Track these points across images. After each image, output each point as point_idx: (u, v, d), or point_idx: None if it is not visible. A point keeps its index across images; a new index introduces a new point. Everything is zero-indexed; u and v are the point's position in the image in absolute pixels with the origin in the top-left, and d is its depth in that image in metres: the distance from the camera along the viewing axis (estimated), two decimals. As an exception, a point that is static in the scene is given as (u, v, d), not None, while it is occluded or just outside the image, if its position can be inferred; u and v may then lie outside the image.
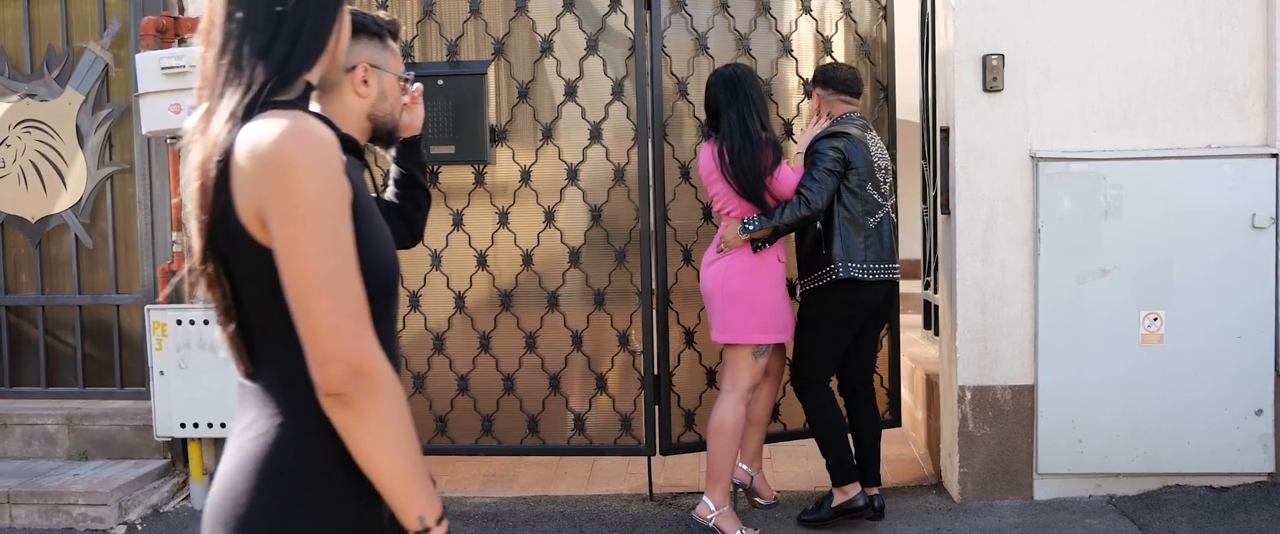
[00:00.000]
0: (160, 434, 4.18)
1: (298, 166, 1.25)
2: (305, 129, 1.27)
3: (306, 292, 1.25)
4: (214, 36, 1.35)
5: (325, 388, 1.26)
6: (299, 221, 1.24)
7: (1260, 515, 3.71)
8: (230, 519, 1.32)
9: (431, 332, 4.17)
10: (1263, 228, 3.86)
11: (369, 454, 1.29)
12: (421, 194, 2.07)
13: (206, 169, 1.29)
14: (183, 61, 3.94)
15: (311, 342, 1.25)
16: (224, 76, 1.33)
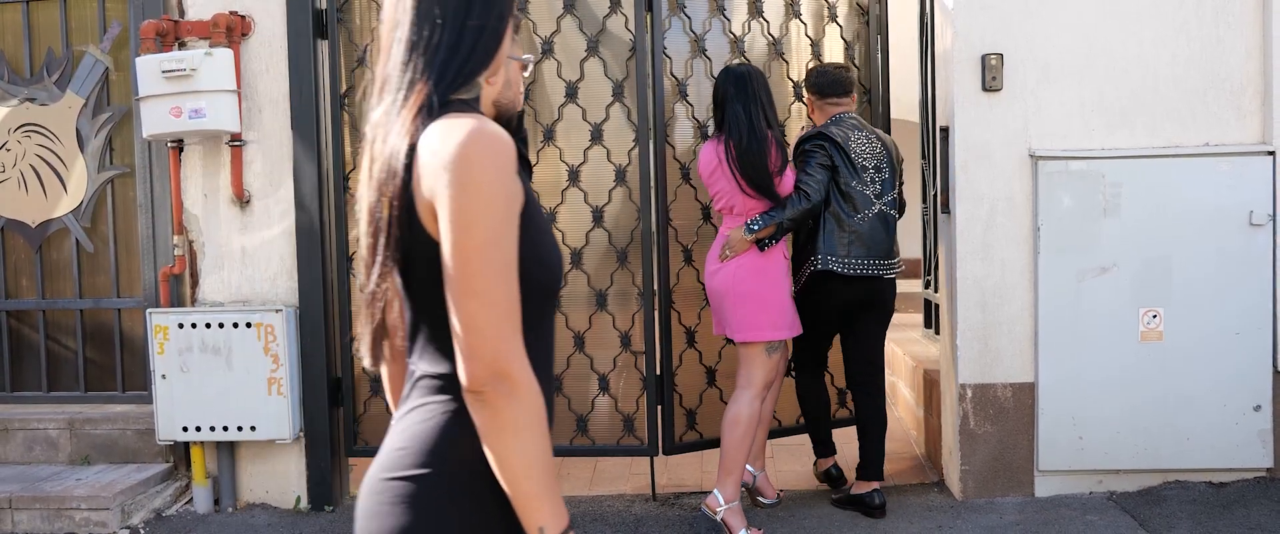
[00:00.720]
0: (162, 438, 4.18)
1: (473, 169, 1.29)
2: (487, 132, 1.31)
3: (462, 291, 1.29)
4: (399, 35, 1.40)
5: (467, 384, 1.30)
6: (466, 223, 1.28)
7: (1259, 510, 3.74)
8: (391, 494, 1.36)
9: (434, 333, 4.17)
10: (1260, 225, 3.89)
11: (500, 456, 1.31)
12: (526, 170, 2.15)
13: (393, 165, 1.34)
14: (183, 65, 3.94)
15: (460, 339, 1.30)
16: (409, 74, 1.38)
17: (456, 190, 1.28)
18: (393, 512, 1.34)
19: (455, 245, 1.28)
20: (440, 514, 1.34)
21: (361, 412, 4.23)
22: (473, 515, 1.35)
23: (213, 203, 4.23)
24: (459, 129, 1.30)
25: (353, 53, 4.16)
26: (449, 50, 1.39)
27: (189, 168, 4.24)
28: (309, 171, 4.13)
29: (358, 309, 1.54)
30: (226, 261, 4.23)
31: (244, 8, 4.15)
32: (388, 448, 1.40)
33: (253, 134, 4.19)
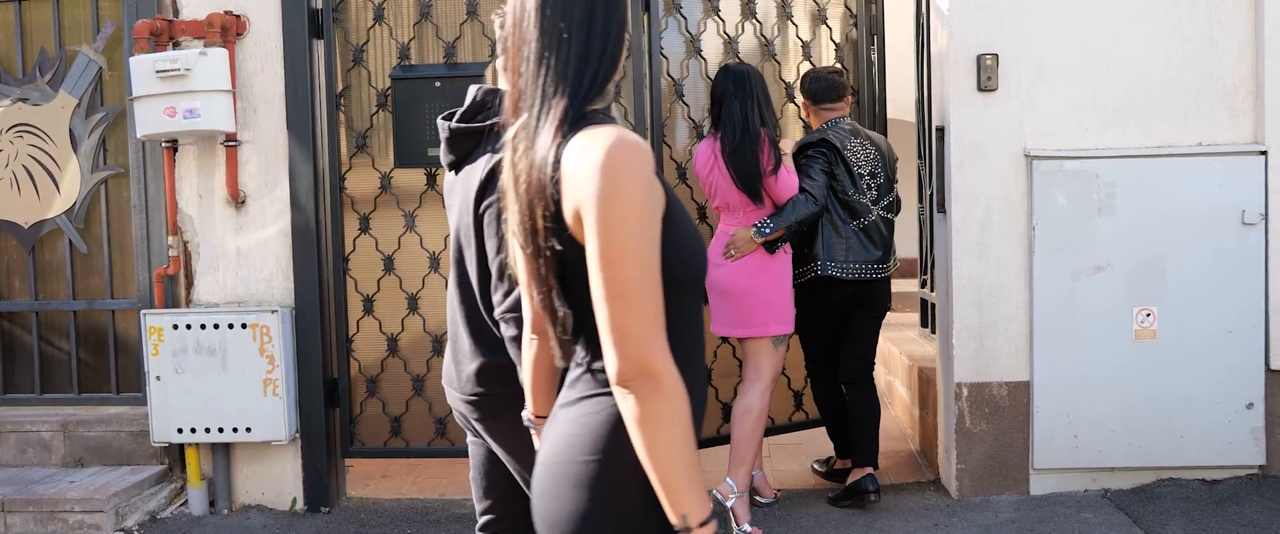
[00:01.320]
0: (157, 440, 4.16)
1: (616, 178, 1.36)
2: (627, 141, 1.38)
3: (609, 294, 1.37)
4: (528, 51, 1.47)
5: (615, 379, 1.38)
6: (610, 230, 1.36)
7: (1252, 507, 3.76)
8: (569, 477, 1.47)
9: (430, 334, 4.17)
10: (1252, 224, 3.92)
11: (646, 447, 1.38)
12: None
13: (540, 177, 1.41)
14: (177, 65, 3.93)
15: (607, 339, 1.38)
16: (545, 88, 1.45)
17: (601, 199, 1.35)
18: (570, 494, 1.45)
19: (601, 251, 1.36)
20: (611, 498, 1.44)
21: (358, 413, 4.22)
22: (640, 499, 1.43)
23: (207, 203, 4.21)
24: (601, 140, 1.38)
25: (348, 53, 4.16)
26: (580, 62, 1.46)
27: (183, 168, 4.22)
28: (304, 172, 4.12)
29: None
30: (221, 262, 4.21)
31: (239, 7, 4.14)
32: (560, 434, 1.50)
33: (248, 134, 4.18)
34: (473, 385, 2.17)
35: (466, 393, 2.19)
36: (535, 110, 1.45)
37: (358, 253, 4.18)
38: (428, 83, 4.02)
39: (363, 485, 4.51)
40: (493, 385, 2.14)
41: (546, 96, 1.45)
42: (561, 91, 1.45)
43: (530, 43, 1.47)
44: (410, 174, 4.14)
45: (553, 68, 1.46)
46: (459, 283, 2.20)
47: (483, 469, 2.31)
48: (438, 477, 4.60)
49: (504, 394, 2.11)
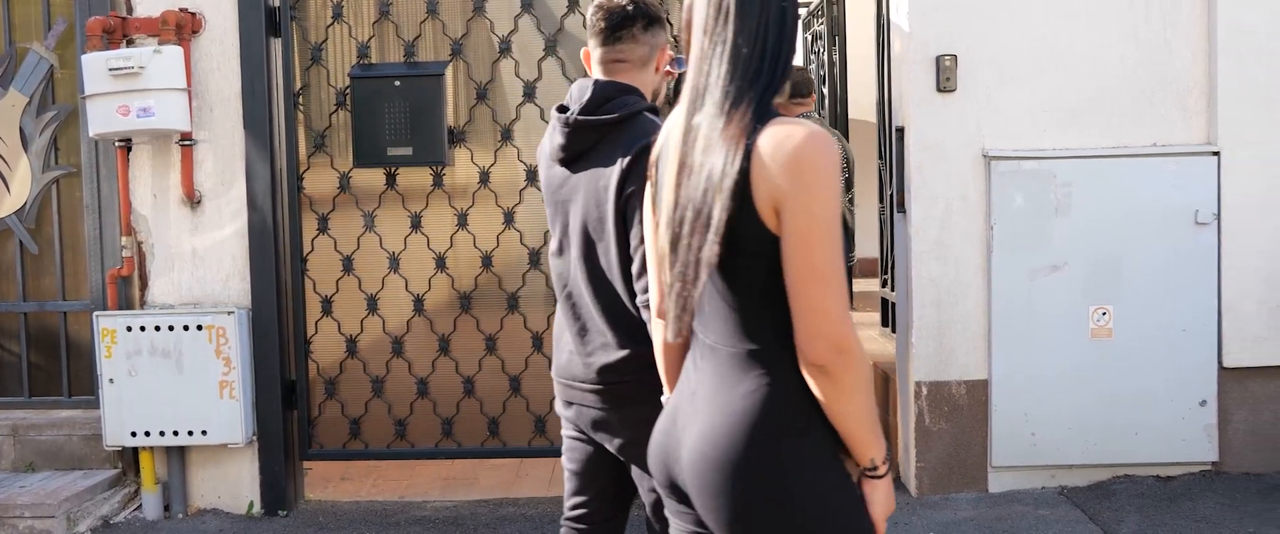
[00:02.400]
0: (110, 444, 4.09)
1: (818, 170, 1.48)
2: (822, 135, 1.50)
3: (809, 278, 1.48)
4: (721, 50, 1.55)
5: (812, 359, 1.50)
6: (813, 218, 1.48)
7: (1205, 503, 3.82)
8: (730, 464, 1.55)
9: (390, 334, 4.14)
10: (1205, 224, 3.97)
11: (840, 412, 1.53)
12: None
13: (728, 168, 1.50)
14: (131, 62, 3.87)
15: (805, 320, 1.49)
16: (737, 86, 1.54)
17: (806, 188, 1.47)
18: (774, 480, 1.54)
19: (805, 237, 1.48)
20: (814, 472, 1.55)
21: (316, 415, 4.18)
22: (831, 466, 1.56)
23: (162, 203, 4.15)
24: (799, 134, 1.50)
25: (307, 51, 4.11)
26: (771, 62, 1.56)
27: (137, 167, 4.16)
28: (262, 171, 4.07)
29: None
30: (177, 263, 4.16)
31: (194, 5, 4.08)
32: (713, 425, 1.57)
33: (204, 133, 4.12)
34: (609, 375, 2.20)
35: (595, 383, 2.22)
36: (723, 106, 1.53)
37: (316, 253, 4.14)
38: (387, 82, 3.98)
39: (321, 488, 4.46)
40: (629, 374, 2.18)
41: (738, 93, 1.54)
42: (750, 88, 1.54)
43: (722, 43, 1.55)
44: (369, 174, 4.10)
45: (743, 68, 1.54)
46: (590, 277, 2.23)
47: (584, 463, 2.36)
48: (397, 479, 4.57)
49: (639, 381, 2.15)
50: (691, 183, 1.55)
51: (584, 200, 2.24)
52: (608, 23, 2.25)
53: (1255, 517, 3.68)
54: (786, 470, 1.54)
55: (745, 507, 1.56)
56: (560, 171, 2.30)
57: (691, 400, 1.64)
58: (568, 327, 2.31)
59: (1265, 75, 3.95)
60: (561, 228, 2.32)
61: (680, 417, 1.66)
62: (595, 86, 2.23)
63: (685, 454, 1.62)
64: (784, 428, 1.55)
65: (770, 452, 1.54)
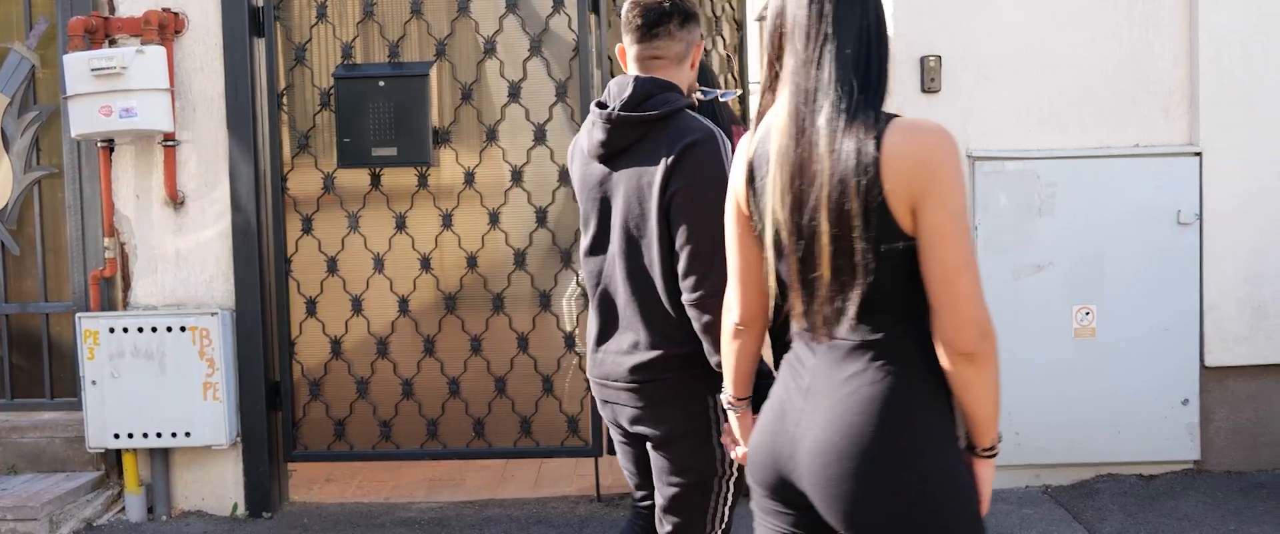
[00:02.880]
0: (93, 446, 4.07)
1: (953, 165, 1.57)
2: (948, 133, 1.59)
3: (956, 268, 1.55)
4: (831, 51, 1.60)
5: (959, 347, 1.56)
6: (951, 211, 1.55)
7: (1187, 502, 3.84)
8: (865, 454, 1.59)
9: (375, 335, 4.12)
10: (1187, 224, 4.00)
11: (976, 397, 1.60)
12: None
13: (861, 163, 1.55)
14: (113, 63, 3.85)
15: (953, 309, 1.56)
16: (852, 86, 1.59)
17: (943, 183, 1.55)
18: (910, 465, 1.58)
19: (948, 229, 1.55)
20: (944, 456, 1.60)
21: (301, 416, 4.16)
22: (955, 449, 1.63)
23: (145, 204, 4.13)
24: (930, 129, 1.59)
25: (291, 51, 4.09)
26: (878, 63, 1.62)
27: (120, 168, 4.14)
28: (246, 172, 4.06)
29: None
30: (160, 264, 4.13)
31: (177, 5, 4.06)
32: (844, 416, 1.61)
33: (187, 134, 4.10)
34: (643, 374, 2.21)
35: (630, 381, 2.23)
36: (841, 107, 1.58)
37: (300, 254, 4.13)
38: (372, 82, 3.97)
39: (306, 490, 4.44)
40: (663, 372, 2.20)
41: (854, 93, 1.59)
42: (864, 87, 1.59)
43: (831, 42, 1.60)
44: (354, 174, 4.09)
45: (851, 66, 1.59)
46: (629, 275, 2.23)
47: (636, 460, 2.40)
48: (382, 480, 4.55)
49: (674, 380, 2.20)
50: (820, 185, 1.58)
51: (625, 198, 2.23)
52: (644, 20, 2.26)
53: (1236, 514, 3.71)
54: (923, 455, 1.59)
55: (881, 495, 1.59)
56: (598, 168, 2.29)
57: (808, 395, 1.67)
58: (601, 325, 2.31)
59: (1246, 77, 3.98)
60: (597, 225, 2.31)
61: (791, 414, 1.69)
62: (636, 83, 2.22)
63: (807, 448, 1.65)
64: (914, 414, 1.60)
65: (904, 438, 1.59)
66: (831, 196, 1.57)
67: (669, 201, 2.15)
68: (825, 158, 1.58)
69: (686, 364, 2.20)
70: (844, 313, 1.62)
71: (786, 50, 1.66)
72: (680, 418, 2.22)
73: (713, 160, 2.16)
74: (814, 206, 1.59)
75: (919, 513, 1.59)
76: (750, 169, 1.73)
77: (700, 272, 2.10)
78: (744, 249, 1.80)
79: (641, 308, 2.22)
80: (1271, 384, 4.07)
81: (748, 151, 1.75)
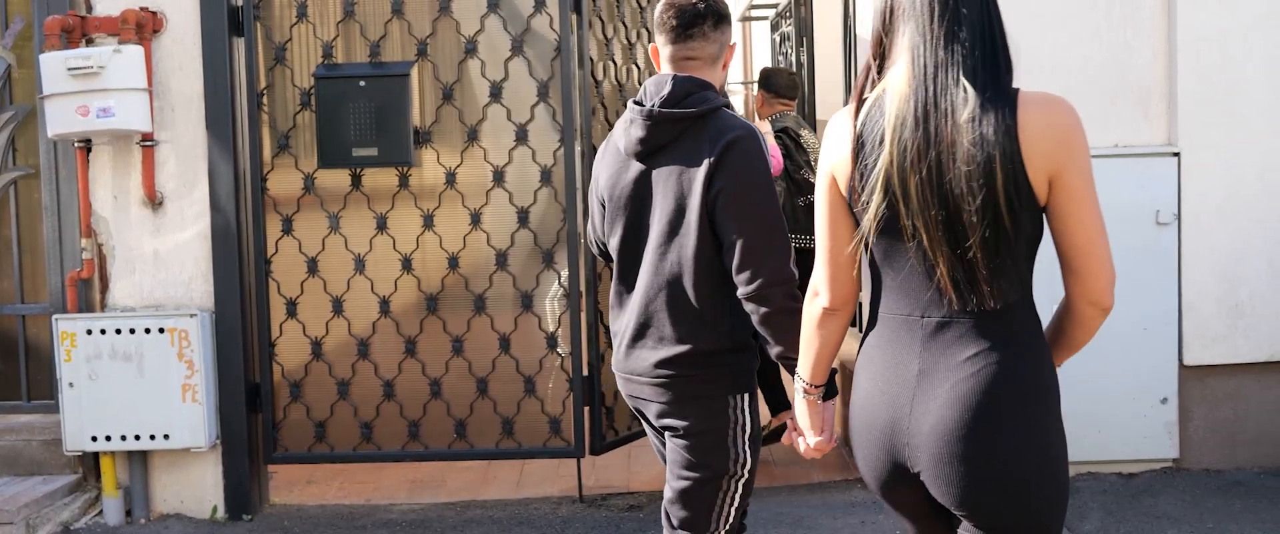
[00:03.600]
0: (70, 449, 4.03)
1: (1082, 133, 1.68)
2: (1072, 103, 1.71)
3: (1098, 229, 1.69)
4: (966, 35, 1.68)
5: (1104, 303, 1.73)
6: (1087, 178, 1.67)
7: (1166, 500, 3.87)
8: (999, 429, 1.66)
9: (356, 337, 4.10)
10: (1166, 224, 4.03)
11: (1081, 344, 1.80)
12: None
13: (1002, 142, 1.63)
14: (90, 62, 3.82)
15: (1097, 271, 1.71)
16: (992, 65, 1.68)
17: (1079, 151, 1.67)
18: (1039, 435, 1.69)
19: (1088, 193, 1.67)
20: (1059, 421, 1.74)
21: (281, 418, 4.14)
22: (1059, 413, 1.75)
23: (123, 205, 4.10)
24: (1061, 101, 1.70)
25: (271, 51, 4.07)
26: (1002, 38, 1.72)
27: (98, 169, 4.10)
28: (225, 172, 4.03)
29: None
30: (138, 265, 4.10)
31: (155, 4, 4.03)
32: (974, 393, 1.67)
33: (165, 134, 4.07)
34: (670, 369, 2.25)
35: (656, 376, 2.27)
36: (971, 84, 1.65)
37: (280, 255, 4.10)
38: (352, 82, 3.95)
39: (287, 492, 4.42)
40: (690, 369, 2.25)
41: (980, 70, 1.67)
42: (997, 62, 1.69)
43: (946, 22, 1.68)
44: (334, 175, 4.06)
45: (976, 44, 1.68)
46: (661, 271, 2.26)
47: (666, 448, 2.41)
48: (364, 482, 4.53)
49: (699, 375, 2.25)
50: (959, 160, 1.63)
51: (664, 195, 2.26)
52: (679, 21, 2.29)
53: (1214, 512, 3.74)
54: (1048, 423, 1.70)
55: (1014, 466, 1.67)
56: (635, 166, 2.31)
57: (924, 378, 1.71)
58: (629, 321, 2.34)
59: (1224, 78, 4.01)
60: (630, 223, 2.33)
61: (900, 397, 1.73)
62: (675, 81, 2.26)
63: (931, 428, 1.69)
64: (1042, 383, 1.70)
65: (1034, 408, 1.68)
66: (973, 172, 1.63)
67: (714, 199, 2.18)
68: (965, 132, 1.63)
69: (713, 362, 2.25)
70: (978, 285, 1.66)
71: (900, 29, 1.71)
72: (702, 415, 2.27)
73: (755, 156, 2.21)
74: (951, 181, 1.64)
75: (1049, 477, 1.70)
76: (858, 145, 1.74)
77: (755, 264, 2.15)
78: (838, 229, 1.81)
79: (672, 305, 2.26)
80: (1249, 383, 4.11)
81: (852, 128, 1.76)
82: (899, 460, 1.74)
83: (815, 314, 1.91)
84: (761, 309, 2.16)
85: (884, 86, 1.73)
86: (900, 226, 1.69)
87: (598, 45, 4.15)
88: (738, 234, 2.16)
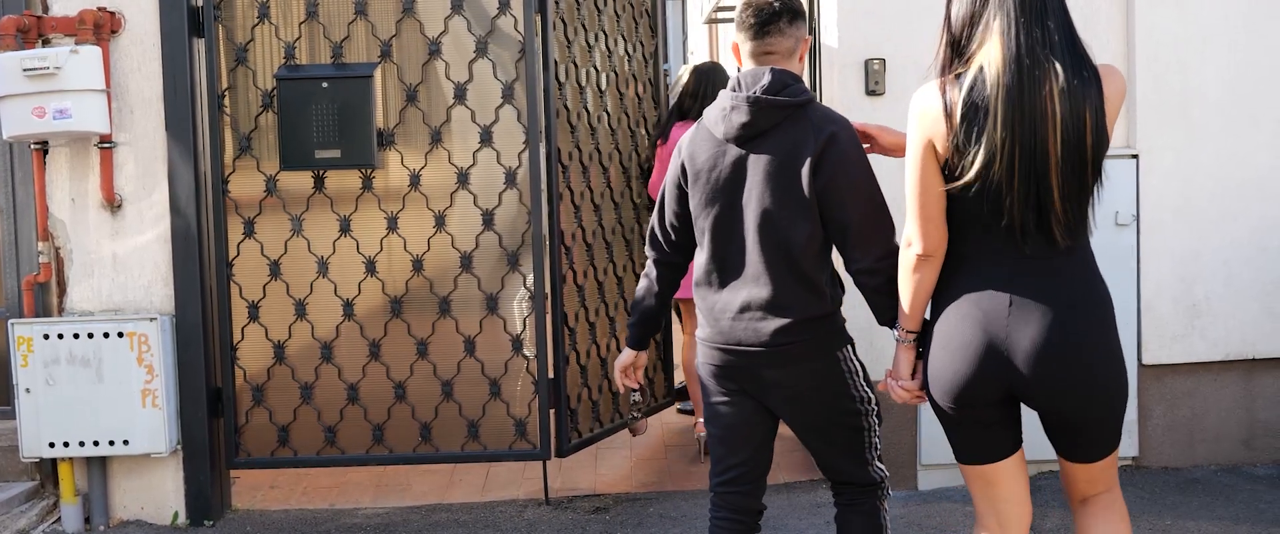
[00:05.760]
0: (27, 455, 3.97)
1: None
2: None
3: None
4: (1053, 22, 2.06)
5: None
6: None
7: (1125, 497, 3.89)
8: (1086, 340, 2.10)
9: (319, 340, 4.07)
10: (1125, 225, 4.08)
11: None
12: None
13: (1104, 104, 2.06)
14: (47, 63, 3.76)
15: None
16: (1063, 41, 2.06)
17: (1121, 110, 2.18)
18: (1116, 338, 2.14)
19: (1106, 136, 2.09)
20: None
21: (243, 422, 4.09)
22: None
23: (81, 207, 4.04)
24: (1116, 70, 2.12)
25: (232, 52, 4.03)
26: (1069, 16, 2.10)
27: (54, 171, 4.04)
28: (185, 174, 3.99)
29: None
30: (97, 269, 4.05)
31: (113, 4, 3.98)
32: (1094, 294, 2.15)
33: (124, 136, 4.02)
34: (784, 336, 2.45)
35: (771, 344, 2.46)
36: (1070, 58, 2.03)
37: (242, 258, 4.06)
38: (315, 83, 3.92)
39: (249, 497, 4.37)
40: (801, 334, 2.46)
41: (1074, 48, 2.06)
42: (1078, 43, 2.07)
43: (1051, 15, 2.05)
44: (297, 177, 4.03)
45: (1065, 21, 2.07)
46: (767, 247, 2.45)
47: (741, 428, 2.61)
48: (327, 486, 4.50)
49: (811, 340, 2.47)
50: (1054, 129, 2.01)
51: (764, 178, 2.44)
52: (757, 18, 2.49)
53: (1172, 508, 3.79)
54: (1116, 337, 2.15)
55: (1102, 370, 2.10)
56: (733, 150, 2.48)
57: (1019, 307, 2.09)
58: (731, 296, 2.51)
59: (1181, 82, 4.06)
60: (725, 203, 2.50)
61: (995, 326, 2.10)
62: (773, 73, 2.46)
63: (1036, 348, 2.07)
64: (1108, 305, 2.15)
65: (1110, 326, 2.13)
66: (1067, 137, 2.01)
67: (823, 185, 2.40)
68: (1058, 102, 2.00)
69: (822, 326, 2.49)
70: (1064, 229, 2.05)
71: (993, 14, 2.07)
72: (822, 373, 2.51)
73: (855, 146, 2.47)
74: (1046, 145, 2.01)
75: (1122, 377, 2.16)
76: (966, 112, 2.07)
77: (866, 243, 2.41)
78: (930, 186, 2.15)
79: (785, 279, 2.45)
80: (1207, 382, 4.17)
81: (946, 99, 2.12)
82: (996, 378, 2.12)
83: (910, 261, 2.21)
84: (874, 280, 2.41)
85: (980, 64, 2.07)
86: (996, 183, 2.04)
87: (561, 47, 4.14)
88: (849, 216, 2.41)
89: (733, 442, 2.62)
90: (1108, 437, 2.24)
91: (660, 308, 2.74)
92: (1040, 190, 2.03)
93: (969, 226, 2.16)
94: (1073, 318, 2.07)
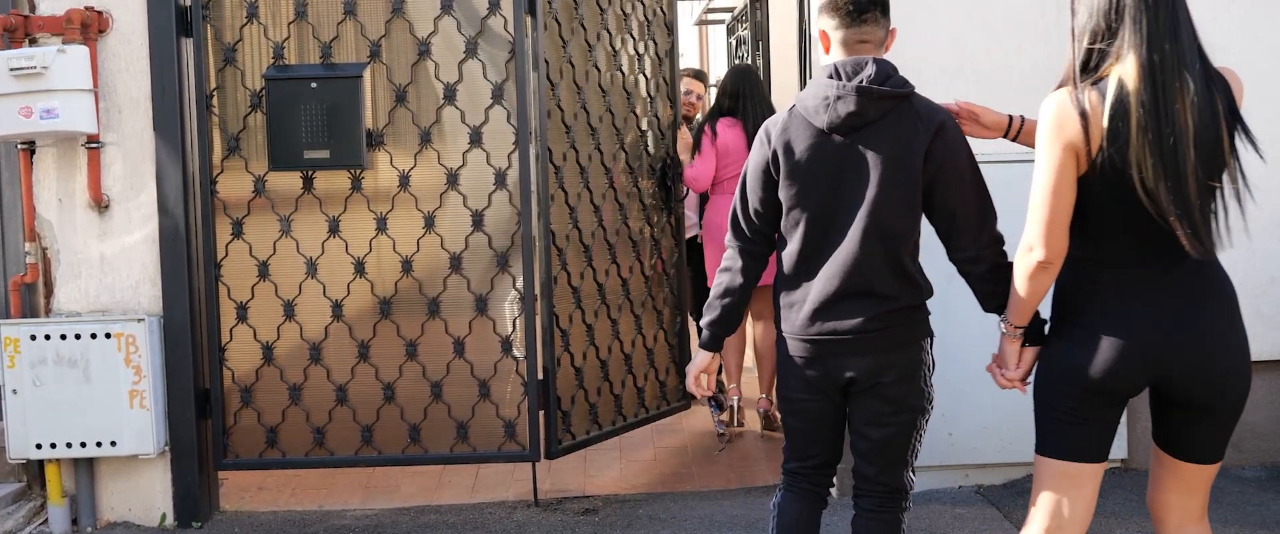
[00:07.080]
0: (14, 456, 3.95)
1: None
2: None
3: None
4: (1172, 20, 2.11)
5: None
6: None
7: (1114, 499, 3.93)
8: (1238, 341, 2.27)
9: (308, 341, 4.06)
10: (1114, 227, 4.08)
11: None
12: None
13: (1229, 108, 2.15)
14: (34, 62, 3.74)
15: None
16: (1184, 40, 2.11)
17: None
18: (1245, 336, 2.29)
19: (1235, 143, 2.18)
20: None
21: (231, 423, 4.08)
22: None
23: (68, 207, 4.02)
24: (1236, 73, 2.21)
25: (220, 52, 4.01)
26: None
27: (41, 171, 4.03)
28: (173, 175, 3.97)
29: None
30: (84, 269, 4.03)
31: (101, 3, 3.97)
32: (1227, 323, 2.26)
33: (112, 136, 4.00)
34: (879, 323, 2.49)
35: (865, 331, 2.50)
36: (1196, 65, 2.10)
37: (231, 259, 4.05)
38: (304, 83, 3.91)
39: (238, 498, 4.36)
40: (894, 323, 2.51)
41: (1199, 54, 2.13)
42: (1205, 57, 2.14)
43: (1173, 16, 2.10)
44: (286, 177, 4.02)
45: (1191, 38, 2.12)
46: (869, 236, 2.47)
47: (825, 422, 2.66)
48: (316, 487, 4.49)
49: (902, 329, 2.53)
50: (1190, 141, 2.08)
51: (873, 169, 2.44)
52: (854, 6, 2.50)
53: (1161, 511, 3.79)
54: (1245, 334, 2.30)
55: (1242, 364, 2.27)
56: (835, 140, 2.48)
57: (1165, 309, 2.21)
58: (824, 285, 2.52)
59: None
60: (824, 192, 2.50)
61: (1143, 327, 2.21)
62: (877, 62, 2.47)
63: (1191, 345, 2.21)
64: (1238, 305, 2.29)
65: (1241, 325, 2.28)
66: (1202, 148, 2.09)
67: (933, 175, 2.44)
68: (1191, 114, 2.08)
69: (915, 315, 2.56)
70: (1202, 236, 2.12)
71: (1128, 26, 2.10)
72: (906, 362, 2.55)
73: (962, 137, 2.53)
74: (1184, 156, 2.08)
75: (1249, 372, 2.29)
76: (1114, 121, 2.10)
77: (973, 230, 2.48)
78: (1063, 194, 2.19)
79: (886, 267, 2.48)
80: (1195, 383, 4.17)
81: (1105, 107, 2.12)
82: (1149, 372, 2.23)
83: (1030, 266, 2.26)
84: (979, 267, 2.49)
85: (1118, 76, 2.11)
86: (1136, 192, 2.10)
87: (555, 47, 4.13)
88: (956, 205, 2.47)
89: (815, 434, 2.68)
90: (1227, 433, 2.34)
91: (743, 303, 2.70)
92: (1177, 202, 2.09)
93: (1111, 235, 2.23)
94: (1222, 320, 2.23)
